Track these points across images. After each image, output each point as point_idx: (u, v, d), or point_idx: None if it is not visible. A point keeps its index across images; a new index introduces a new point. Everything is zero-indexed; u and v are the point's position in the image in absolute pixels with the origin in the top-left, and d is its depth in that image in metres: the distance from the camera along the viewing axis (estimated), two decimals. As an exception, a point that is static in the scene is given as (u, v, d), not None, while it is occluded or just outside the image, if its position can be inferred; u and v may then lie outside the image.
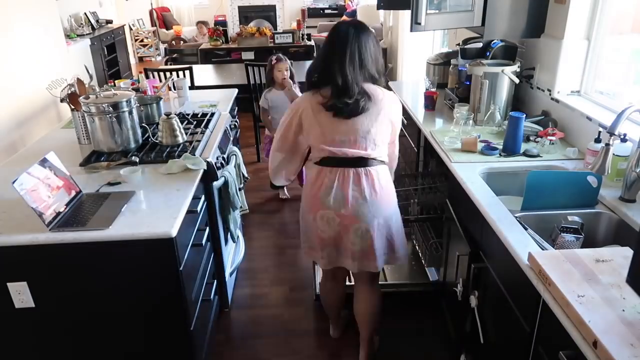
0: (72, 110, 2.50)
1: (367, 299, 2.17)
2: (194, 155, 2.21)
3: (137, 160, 2.18)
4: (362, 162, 1.87)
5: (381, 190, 1.90)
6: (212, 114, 2.79)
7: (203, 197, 2.19)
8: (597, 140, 1.89)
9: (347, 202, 1.87)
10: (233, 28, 8.20)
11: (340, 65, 1.79)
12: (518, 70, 2.54)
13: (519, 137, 2.14)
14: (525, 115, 2.16)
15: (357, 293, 2.19)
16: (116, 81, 3.57)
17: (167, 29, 10.07)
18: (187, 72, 4.11)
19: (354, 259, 1.98)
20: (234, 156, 2.67)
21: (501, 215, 1.67)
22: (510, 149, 2.15)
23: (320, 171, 1.92)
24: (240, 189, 2.60)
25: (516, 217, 1.66)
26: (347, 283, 2.39)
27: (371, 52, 1.84)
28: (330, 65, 1.81)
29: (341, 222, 1.91)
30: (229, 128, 2.83)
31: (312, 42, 6.26)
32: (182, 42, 8.63)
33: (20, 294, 1.73)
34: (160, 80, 3.95)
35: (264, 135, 3.99)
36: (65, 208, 1.77)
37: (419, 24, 2.55)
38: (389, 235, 1.98)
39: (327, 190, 1.89)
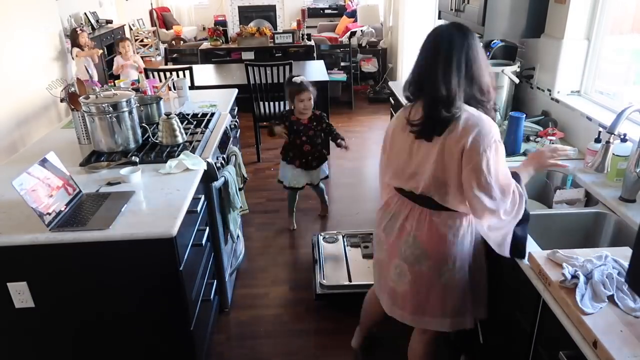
0: (72, 110, 2.50)
1: (411, 344, 1.97)
2: (194, 154, 2.21)
3: (137, 160, 2.18)
4: (426, 201, 1.62)
5: (441, 239, 1.63)
6: (212, 114, 2.79)
7: (203, 197, 2.19)
8: (597, 140, 1.90)
9: (395, 232, 1.71)
10: (233, 28, 8.19)
11: (444, 73, 1.49)
12: (518, 70, 2.54)
13: (519, 137, 2.14)
14: (525, 115, 2.16)
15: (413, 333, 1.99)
16: (116, 81, 3.57)
17: (167, 29, 10.07)
18: (187, 72, 4.11)
19: (389, 296, 1.82)
20: (234, 156, 2.67)
21: (501, 215, 1.66)
22: (510, 149, 2.15)
23: (391, 192, 1.78)
24: (240, 189, 2.60)
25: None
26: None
27: (480, 62, 1.52)
28: (431, 73, 1.52)
29: (387, 249, 1.77)
30: (229, 128, 2.83)
31: (312, 42, 6.25)
32: (182, 42, 8.63)
33: (20, 294, 1.73)
34: (160, 80, 3.94)
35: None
36: (65, 208, 1.77)
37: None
38: (433, 289, 1.69)
39: (386, 213, 1.77)
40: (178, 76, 3.93)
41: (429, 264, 1.65)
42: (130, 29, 9.04)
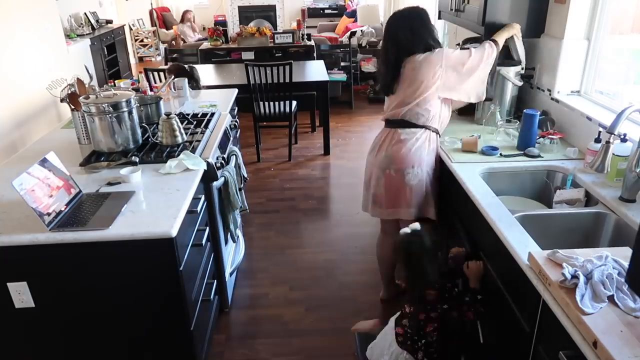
0: (72, 110, 2.50)
1: (382, 250, 2.54)
2: (194, 154, 2.21)
3: (137, 160, 2.18)
4: (396, 123, 2.23)
5: (402, 147, 2.19)
6: (212, 114, 2.79)
7: (203, 197, 2.19)
8: (597, 140, 1.90)
9: (375, 151, 2.30)
10: (233, 28, 8.19)
11: (384, 48, 2.24)
12: (522, 70, 2.53)
13: (534, 133, 2.17)
14: (538, 113, 2.16)
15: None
16: (116, 81, 3.57)
17: (167, 29, 10.06)
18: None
19: (372, 201, 2.36)
20: (234, 156, 2.67)
21: (501, 215, 1.67)
22: (524, 144, 2.17)
23: (382, 129, 2.37)
24: (240, 189, 2.60)
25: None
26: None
27: (403, 32, 2.14)
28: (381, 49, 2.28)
29: (370, 166, 2.34)
30: (229, 128, 2.83)
31: (312, 42, 6.25)
32: (182, 42, 8.63)
33: (20, 294, 1.73)
34: (160, 80, 3.94)
35: None
36: (65, 208, 1.77)
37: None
38: (401, 188, 2.22)
39: (374, 141, 2.36)
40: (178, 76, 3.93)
41: (395, 167, 2.21)
42: (130, 29, 9.04)
